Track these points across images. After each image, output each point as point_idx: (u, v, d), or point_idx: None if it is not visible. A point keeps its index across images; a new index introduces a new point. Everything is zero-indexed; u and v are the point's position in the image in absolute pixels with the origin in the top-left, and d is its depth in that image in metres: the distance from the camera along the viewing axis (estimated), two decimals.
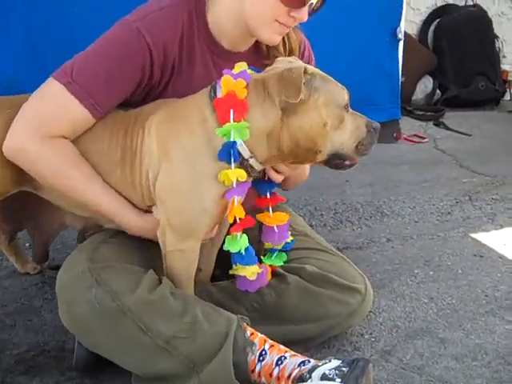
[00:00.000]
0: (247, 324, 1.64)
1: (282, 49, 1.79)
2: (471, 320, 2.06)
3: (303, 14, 1.67)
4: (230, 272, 1.72)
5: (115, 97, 1.67)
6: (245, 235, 1.65)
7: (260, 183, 1.78)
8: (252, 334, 1.62)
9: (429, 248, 2.62)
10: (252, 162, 1.59)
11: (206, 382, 1.56)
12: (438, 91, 5.18)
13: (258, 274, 1.70)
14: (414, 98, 5.06)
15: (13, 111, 1.66)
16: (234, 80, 1.57)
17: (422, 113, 4.90)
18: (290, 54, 1.80)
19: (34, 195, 1.77)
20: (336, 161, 1.63)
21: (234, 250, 1.64)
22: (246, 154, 1.57)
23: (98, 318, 1.56)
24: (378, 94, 4.05)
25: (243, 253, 1.65)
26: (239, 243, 1.64)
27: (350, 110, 1.62)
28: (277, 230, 1.79)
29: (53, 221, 1.96)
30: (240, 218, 1.60)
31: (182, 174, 1.59)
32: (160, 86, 1.73)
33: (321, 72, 1.60)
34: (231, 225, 1.64)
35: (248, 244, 1.66)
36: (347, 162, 1.65)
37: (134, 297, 1.56)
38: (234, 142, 1.54)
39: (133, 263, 1.67)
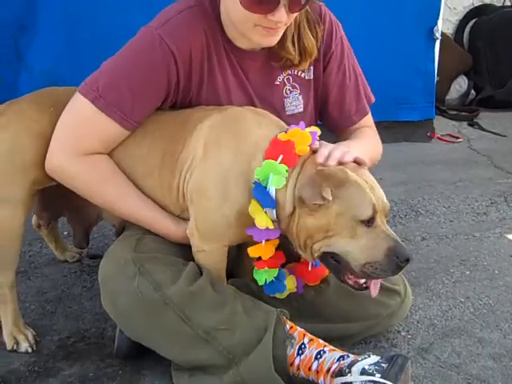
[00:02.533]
0: (286, 318, 1.65)
1: (291, 49, 1.75)
2: (508, 321, 2.05)
3: (279, 16, 1.57)
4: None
5: (144, 106, 1.69)
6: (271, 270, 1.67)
7: None
8: (291, 327, 1.64)
9: (464, 248, 2.60)
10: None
11: (245, 373, 1.57)
12: (472, 91, 5.12)
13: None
14: (448, 97, 5.00)
15: (56, 110, 1.71)
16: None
17: (455, 113, 4.83)
18: (304, 53, 1.77)
19: (72, 194, 1.80)
20: (333, 264, 1.55)
21: (260, 281, 1.67)
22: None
23: (140, 308, 1.59)
24: (413, 92, 4.02)
25: (271, 282, 1.68)
26: (264, 275, 1.67)
27: (383, 227, 1.51)
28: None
29: (89, 212, 2.00)
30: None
31: (214, 179, 1.61)
32: (191, 92, 1.73)
33: (355, 179, 1.51)
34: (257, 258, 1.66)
35: (276, 274, 1.68)
36: (351, 280, 1.56)
37: (175, 288, 1.58)
38: (265, 189, 1.55)
39: (174, 255, 1.69)
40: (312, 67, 1.86)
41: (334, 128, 1.99)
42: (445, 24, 4.86)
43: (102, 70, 1.68)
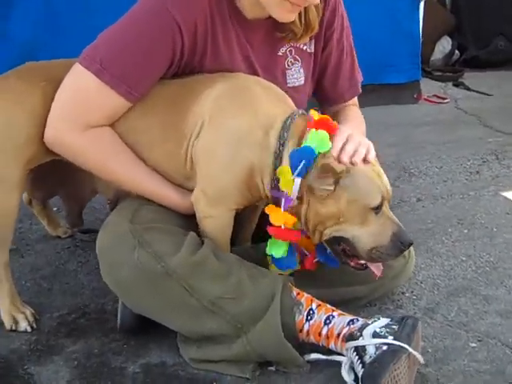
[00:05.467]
0: (292, 284, 1.62)
1: (298, 22, 1.71)
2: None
3: None
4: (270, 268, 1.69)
5: (148, 78, 1.63)
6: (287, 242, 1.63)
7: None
8: (298, 293, 1.61)
9: (460, 207, 2.59)
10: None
11: (254, 342, 1.54)
12: (456, 52, 5.09)
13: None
14: (432, 59, 4.97)
15: (48, 85, 1.64)
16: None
17: (440, 74, 4.82)
18: (308, 29, 1.73)
19: (65, 162, 1.74)
20: (345, 250, 1.58)
21: (277, 255, 1.62)
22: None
23: (142, 280, 1.55)
24: (398, 55, 3.98)
25: (284, 257, 1.63)
26: (281, 249, 1.62)
27: (388, 213, 1.56)
28: None
29: (84, 188, 1.95)
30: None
31: (225, 141, 1.57)
32: (194, 61, 1.67)
33: (364, 169, 1.54)
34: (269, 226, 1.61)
35: (290, 249, 1.63)
36: (354, 262, 1.60)
37: (177, 258, 1.54)
38: (312, 151, 1.53)
39: (174, 224, 1.65)
40: (313, 41, 1.83)
41: (324, 101, 1.99)
42: None
43: (103, 39, 1.61)
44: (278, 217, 1.57)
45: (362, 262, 1.60)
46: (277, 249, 1.62)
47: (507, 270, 2.08)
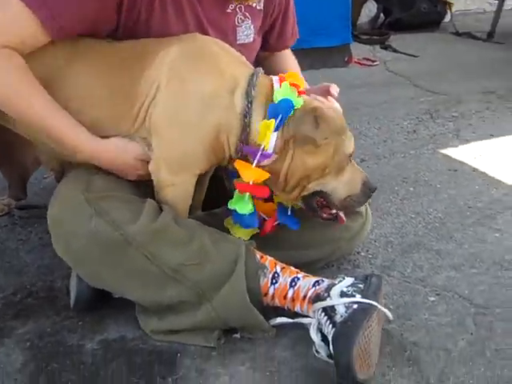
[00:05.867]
0: (254, 247, 1.58)
1: None
2: (460, 231, 2.06)
3: None
4: (225, 225, 1.65)
5: (78, 13, 1.49)
6: (251, 199, 1.57)
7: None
8: (262, 257, 1.57)
9: (403, 166, 2.61)
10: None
11: (219, 308, 1.50)
12: (382, 15, 5.13)
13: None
14: (358, 22, 4.99)
15: None
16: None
17: (367, 37, 4.84)
18: None
19: (7, 131, 1.61)
20: (318, 202, 1.59)
21: (241, 211, 1.56)
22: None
23: (100, 250, 1.46)
24: (328, 18, 3.96)
25: (246, 215, 1.57)
26: (247, 206, 1.56)
27: (353, 161, 1.58)
28: None
29: (26, 158, 1.85)
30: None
31: (190, 107, 1.50)
32: (139, 17, 1.57)
33: (340, 116, 1.56)
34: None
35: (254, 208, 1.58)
36: (326, 213, 1.61)
37: (136, 226, 1.47)
38: (291, 104, 1.49)
39: (130, 192, 1.57)
40: None
41: (267, 50, 1.95)
42: None
43: None
44: (249, 173, 1.51)
45: (333, 211, 1.61)
46: (242, 205, 1.55)
47: (455, 224, 2.11)
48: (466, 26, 5.32)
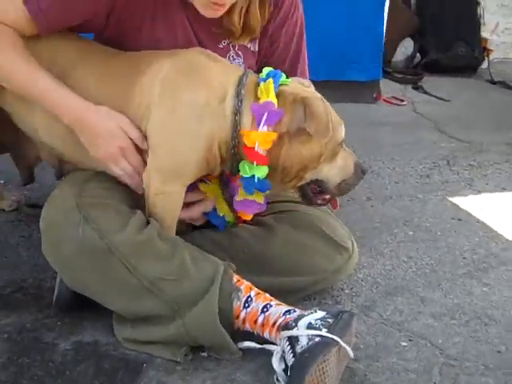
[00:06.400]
0: (233, 271, 1.63)
1: (236, 22, 1.70)
2: (450, 281, 2.08)
3: None
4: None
5: (66, 9, 1.60)
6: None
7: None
8: (238, 280, 1.61)
9: (408, 209, 2.62)
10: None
11: (190, 325, 1.55)
12: (418, 55, 5.14)
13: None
14: (393, 60, 5.01)
15: None
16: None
17: (401, 75, 4.86)
18: (247, 32, 1.75)
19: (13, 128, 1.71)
20: (313, 189, 1.66)
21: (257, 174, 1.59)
22: None
23: (85, 256, 1.53)
24: (360, 52, 3.99)
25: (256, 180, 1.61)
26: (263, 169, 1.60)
27: (344, 146, 1.66)
28: None
29: (29, 153, 1.93)
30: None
31: (183, 118, 1.56)
32: (127, 27, 1.67)
33: (327, 103, 1.61)
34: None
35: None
36: (320, 199, 1.69)
37: (122, 236, 1.53)
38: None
39: (121, 201, 1.63)
40: (257, 41, 1.84)
41: None
42: None
43: None
44: (255, 135, 1.55)
45: (327, 196, 1.69)
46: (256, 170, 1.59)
47: (446, 273, 2.13)
48: (503, 74, 5.27)
